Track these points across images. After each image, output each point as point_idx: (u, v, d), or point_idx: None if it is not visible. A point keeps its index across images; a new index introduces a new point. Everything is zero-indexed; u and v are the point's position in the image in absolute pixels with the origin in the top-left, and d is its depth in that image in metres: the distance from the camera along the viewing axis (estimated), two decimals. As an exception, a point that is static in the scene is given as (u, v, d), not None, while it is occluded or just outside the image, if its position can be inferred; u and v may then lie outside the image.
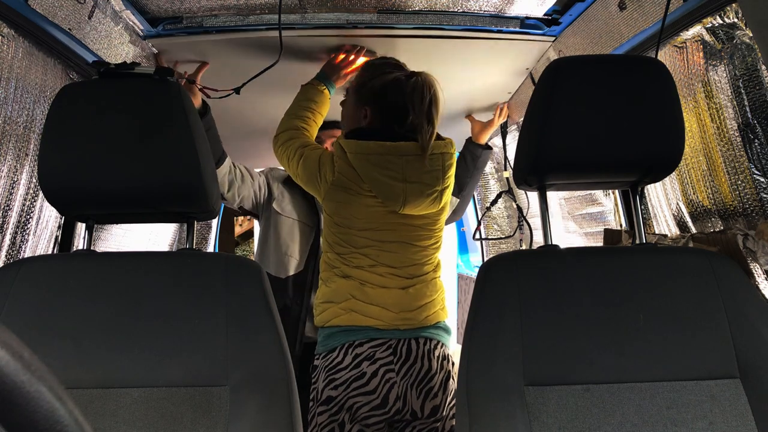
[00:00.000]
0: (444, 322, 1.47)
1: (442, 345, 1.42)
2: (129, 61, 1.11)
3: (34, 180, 1.34)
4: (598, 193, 1.90)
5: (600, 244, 1.86)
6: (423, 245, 1.45)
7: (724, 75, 1.18)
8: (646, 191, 1.57)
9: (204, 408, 0.93)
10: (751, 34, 1.09)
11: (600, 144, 1.04)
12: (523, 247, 2.61)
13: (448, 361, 1.42)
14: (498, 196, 2.40)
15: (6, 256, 1.28)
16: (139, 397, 0.93)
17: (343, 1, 1.48)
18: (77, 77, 1.45)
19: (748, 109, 1.15)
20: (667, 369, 0.97)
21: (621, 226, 1.78)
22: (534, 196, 2.25)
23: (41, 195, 1.36)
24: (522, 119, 1.18)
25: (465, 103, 2.13)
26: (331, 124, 1.94)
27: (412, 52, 1.68)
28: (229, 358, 0.96)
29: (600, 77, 1.06)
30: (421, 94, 1.38)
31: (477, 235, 2.80)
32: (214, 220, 2.95)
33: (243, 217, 5.46)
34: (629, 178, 1.13)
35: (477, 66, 1.82)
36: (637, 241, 1.16)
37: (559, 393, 0.95)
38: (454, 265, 3.86)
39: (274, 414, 0.93)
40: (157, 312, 0.99)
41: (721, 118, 1.21)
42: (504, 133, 2.29)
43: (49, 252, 1.46)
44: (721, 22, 1.14)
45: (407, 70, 1.49)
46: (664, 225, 1.51)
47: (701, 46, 1.23)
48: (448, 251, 1.61)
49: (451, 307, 1.61)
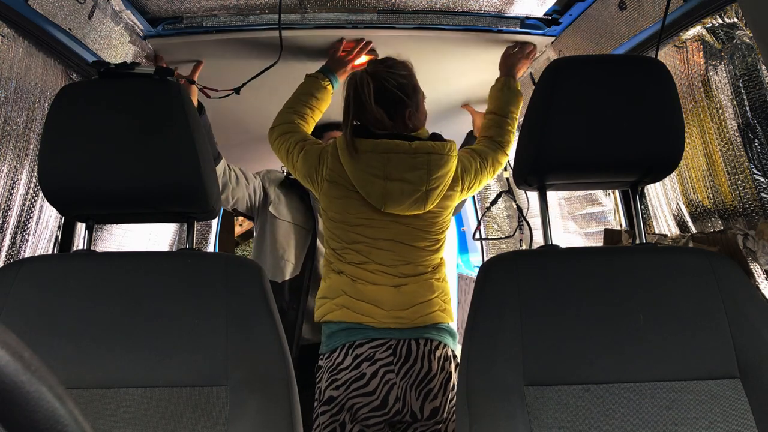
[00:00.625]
0: (447, 324, 1.44)
1: (445, 346, 1.40)
2: (129, 61, 1.11)
3: (34, 180, 1.33)
4: (598, 193, 1.89)
5: (600, 244, 1.86)
6: (417, 246, 1.43)
7: (724, 75, 1.18)
8: (646, 191, 1.57)
9: (204, 408, 0.93)
10: (751, 34, 1.09)
11: (600, 144, 1.04)
12: (523, 247, 2.61)
13: (450, 363, 1.40)
14: (498, 196, 2.40)
15: (6, 256, 1.28)
16: (139, 397, 0.93)
17: (343, 1, 1.48)
18: (77, 77, 1.45)
19: (748, 109, 1.15)
20: (667, 369, 0.97)
21: (621, 226, 1.78)
22: (534, 196, 2.25)
23: (41, 195, 1.36)
24: (522, 119, 1.18)
25: (464, 101, 2.13)
26: (332, 126, 1.93)
27: (412, 50, 1.68)
28: (229, 358, 0.96)
29: (600, 77, 1.06)
30: (365, 86, 1.38)
31: (477, 235, 2.80)
32: (214, 220, 2.95)
33: (243, 217, 5.46)
34: (629, 178, 1.13)
35: (477, 65, 1.82)
36: (637, 241, 1.16)
37: (559, 393, 0.95)
38: (454, 265, 3.86)
39: (274, 414, 0.93)
40: (157, 312, 0.99)
41: (721, 118, 1.21)
42: None
43: (49, 252, 1.46)
44: (721, 22, 1.14)
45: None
46: (664, 225, 1.51)
47: (701, 46, 1.22)
48: (448, 251, 1.58)
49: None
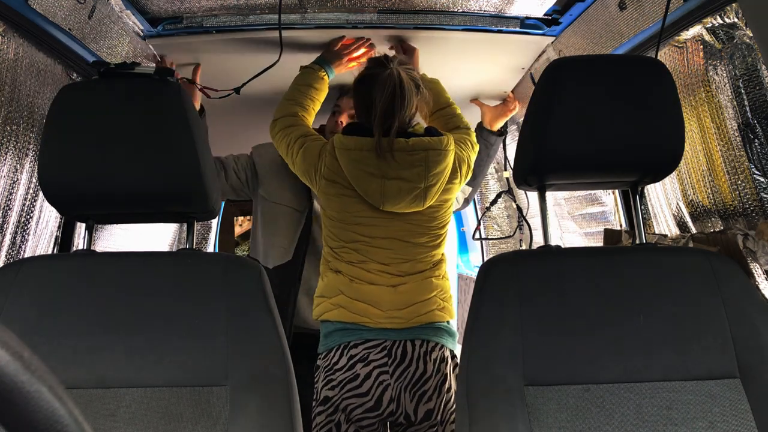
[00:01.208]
0: (446, 323, 1.42)
1: (442, 347, 1.38)
2: (129, 61, 1.11)
3: (34, 180, 1.33)
4: (599, 193, 1.89)
5: (600, 244, 1.86)
6: (417, 242, 1.41)
7: (724, 75, 1.18)
8: (646, 191, 1.57)
9: (204, 408, 0.93)
10: (751, 34, 1.09)
11: (600, 144, 1.04)
12: (523, 247, 2.60)
13: (446, 364, 1.37)
14: (498, 196, 2.40)
15: (6, 256, 1.28)
16: (139, 397, 0.93)
17: (343, 1, 1.48)
18: (77, 77, 1.44)
19: (748, 109, 1.14)
20: (667, 369, 0.97)
21: (621, 226, 1.78)
22: (534, 196, 2.25)
23: (41, 195, 1.36)
24: (522, 119, 1.18)
25: (464, 99, 2.13)
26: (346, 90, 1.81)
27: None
28: (229, 358, 0.96)
29: (600, 77, 1.06)
30: (382, 86, 1.35)
31: (477, 235, 2.80)
32: (214, 220, 2.95)
33: (243, 217, 5.46)
34: (629, 178, 1.12)
35: (477, 64, 1.82)
36: (637, 241, 1.16)
37: (559, 393, 0.95)
38: (454, 265, 3.86)
39: (274, 414, 0.93)
40: (157, 312, 0.99)
41: (721, 118, 1.21)
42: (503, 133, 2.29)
43: (49, 252, 1.46)
44: (721, 22, 1.14)
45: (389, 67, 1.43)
46: (664, 225, 1.51)
47: (701, 46, 1.22)
48: (449, 249, 1.57)
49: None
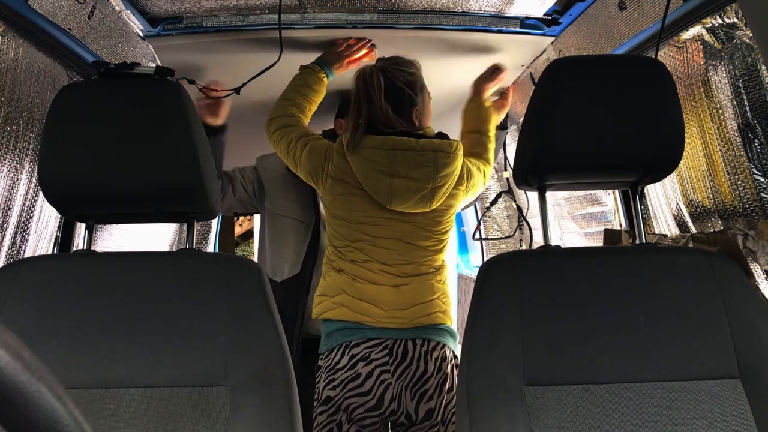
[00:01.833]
0: (447, 325, 1.42)
1: (443, 346, 1.39)
2: (129, 61, 1.11)
3: (34, 180, 1.33)
4: (599, 193, 1.89)
5: (600, 244, 1.86)
6: (420, 245, 1.42)
7: (724, 75, 1.18)
8: (646, 191, 1.57)
9: (204, 408, 0.93)
10: (751, 34, 1.09)
11: (600, 144, 1.04)
12: (523, 247, 2.60)
13: (447, 364, 1.38)
14: (498, 196, 2.40)
15: (6, 256, 1.28)
16: (139, 397, 0.93)
17: (343, 1, 1.48)
18: (77, 77, 1.44)
19: (748, 109, 1.14)
20: (667, 369, 0.97)
21: (621, 226, 1.78)
22: (534, 196, 2.25)
23: (41, 195, 1.36)
24: (522, 119, 1.18)
25: (464, 99, 2.13)
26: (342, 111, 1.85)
27: (412, 50, 1.67)
28: (228, 358, 0.96)
29: (600, 77, 1.06)
30: (374, 81, 1.37)
31: (477, 235, 2.80)
32: (214, 220, 2.95)
33: (243, 217, 5.47)
34: (629, 178, 1.12)
35: (477, 64, 1.82)
36: (637, 241, 1.16)
37: (559, 393, 0.95)
38: (454, 265, 3.86)
39: (274, 414, 0.93)
40: (157, 312, 0.99)
41: (721, 118, 1.21)
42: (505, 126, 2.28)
43: (49, 252, 1.46)
44: (721, 22, 1.14)
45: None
46: (664, 225, 1.51)
47: (701, 46, 1.22)
48: (449, 257, 1.57)
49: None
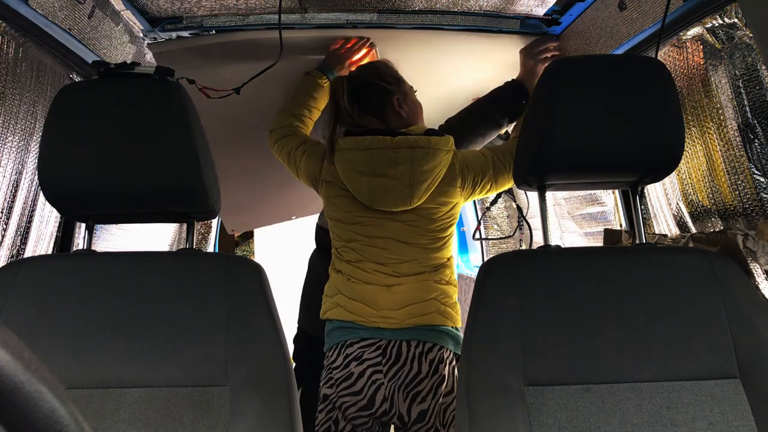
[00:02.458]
0: (449, 327, 1.39)
1: (440, 348, 1.36)
2: (129, 61, 1.11)
3: (35, 180, 1.33)
4: (599, 193, 1.89)
5: (600, 244, 1.86)
6: (415, 243, 1.40)
7: (724, 75, 1.18)
8: (646, 191, 1.56)
9: (204, 408, 0.93)
10: (751, 34, 1.09)
11: (600, 144, 1.04)
12: (523, 247, 2.60)
13: (445, 366, 1.35)
14: (498, 196, 2.40)
15: (6, 256, 1.28)
16: (139, 397, 0.93)
17: (343, 1, 1.48)
18: (77, 77, 1.45)
19: (748, 109, 1.14)
20: (667, 369, 0.97)
21: (621, 226, 1.78)
22: (534, 196, 2.25)
23: (41, 195, 1.36)
24: (522, 119, 1.18)
25: (464, 99, 2.13)
26: None
27: (412, 50, 1.68)
28: (229, 358, 0.96)
29: (600, 77, 1.06)
30: (336, 88, 1.46)
31: (477, 235, 2.80)
32: (214, 220, 2.95)
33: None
34: (629, 178, 1.12)
35: (477, 64, 1.82)
36: (637, 241, 1.16)
37: (559, 393, 0.95)
38: (454, 264, 3.85)
39: (274, 414, 0.93)
40: (157, 312, 0.99)
41: (721, 118, 1.21)
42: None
43: (49, 252, 1.46)
44: (721, 22, 1.14)
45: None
46: (664, 225, 1.51)
47: (701, 46, 1.22)
48: (450, 250, 1.58)
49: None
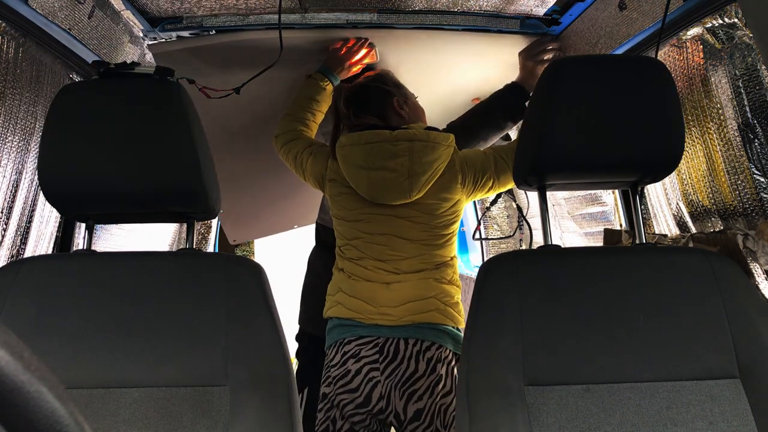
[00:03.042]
0: (450, 327, 1.39)
1: (439, 347, 1.35)
2: (129, 61, 1.11)
3: (34, 180, 1.33)
4: (599, 193, 1.90)
5: (600, 244, 1.86)
6: (415, 239, 1.40)
7: (724, 75, 1.18)
8: (646, 191, 1.57)
9: (204, 408, 0.93)
10: (751, 34, 1.09)
11: (600, 144, 1.04)
12: (523, 247, 2.60)
13: (443, 365, 1.34)
14: (498, 196, 2.39)
15: (6, 256, 1.28)
16: (139, 397, 0.93)
17: (343, 1, 1.48)
18: (77, 77, 1.45)
19: (748, 109, 1.14)
20: (667, 369, 0.97)
21: (621, 226, 1.78)
22: (534, 196, 2.25)
23: (41, 195, 1.36)
24: (521, 119, 1.18)
25: (464, 99, 2.13)
26: None
27: (412, 50, 1.68)
28: (229, 357, 0.96)
29: (600, 77, 1.06)
30: (336, 95, 1.55)
31: (477, 235, 2.80)
32: (214, 220, 2.95)
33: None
34: (629, 178, 1.12)
35: (477, 64, 1.82)
36: (637, 241, 1.16)
37: (559, 393, 0.95)
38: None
39: (274, 413, 0.93)
40: (157, 312, 0.99)
41: (721, 118, 1.21)
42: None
43: (49, 252, 1.46)
44: (721, 22, 1.14)
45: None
46: (664, 225, 1.51)
47: (701, 46, 1.22)
48: (453, 248, 1.59)
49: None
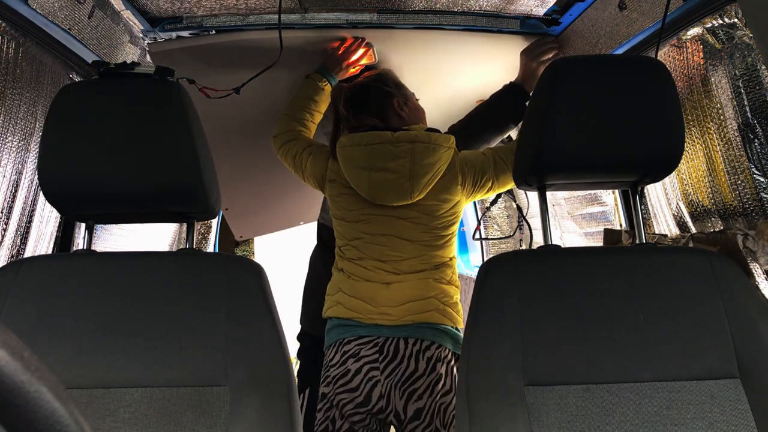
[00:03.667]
0: (449, 327, 1.39)
1: (439, 347, 1.35)
2: (129, 61, 1.11)
3: (34, 180, 1.33)
4: (599, 193, 1.90)
5: (600, 244, 1.86)
6: (415, 239, 1.40)
7: (724, 75, 1.18)
8: (646, 191, 1.57)
9: (204, 408, 0.93)
10: (751, 34, 1.09)
11: (600, 144, 1.04)
12: (523, 247, 2.61)
13: (442, 364, 1.34)
14: (498, 196, 2.40)
15: (6, 256, 1.28)
16: (139, 397, 0.93)
17: (343, 1, 1.48)
18: (77, 77, 1.45)
19: (748, 109, 1.14)
20: (667, 369, 0.97)
21: (621, 226, 1.78)
22: (534, 196, 2.25)
23: (41, 195, 1.36)
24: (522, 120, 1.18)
25: (464, 99, 2.13)
26: None
27: (412, 50, 1.68)
28: (229, 357, 0.96)
29: (600, 77, 1.06)
30: (336, 95, 1.57)
31: (477, 235, 2.81)
32: (214, 220, 2.95)
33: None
34: (629, 178, 1.12)
35: (477, 64, 1.82)
36: (637, 241, 1.16)
37: (559, 393, 0.95)
38: (456, 265, 3.85)
39: (273, 413, 0.93)
40: (157, 312, 0.99)
41: (721, 118, 1.21)
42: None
43: (49, 252, 1.46)
44: (721, 22, 1.14)
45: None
46: (664, 225, 1.51)
47: (701, 46, 1.22)
48: (452, 249, 1.59)
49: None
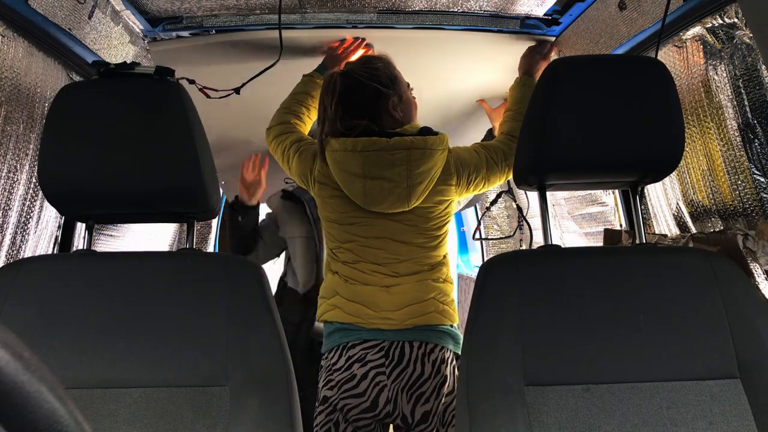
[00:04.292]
0: (448, 326, 1.39)
1: (442, 348, 1.35)
2: (129, 61, 1.11)
3: (34, 180, 1.33)
4: (599, 193, 1.90)
5: (600, 244, 1.86)
6: (412, 242, 1.38)
7: (724, 75, 1.18)
8: (646, 191, 1.57)
9: (204, 408, 0.93)
10: (751, 34, 1.09)
11: (600, 144, 1.04)
12: (523, 247, 2.61)
13: (446, 366, 1.35)
14: (498, 196, 2.40)
15: (6, 256, 1.28)
16: (139, 397, 0.93)
17: (343, 1, 1.48)
18: (77, 77, 1.45)
19: (748, 109, 1.15)
20: (667, 369, 0.97)
21: (621, 226, 1.78)
22: (534, 196, 2.25)
23: (41, 195, 1.36)
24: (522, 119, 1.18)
25: (464, 99, 2.13)
26: None
27: (412, 50, 1.68)
28: (229, 357, 0.96)
29: (600, 77, 1.06)
30: (327, 87, 1.37)
31: (477, 235, 2.81)
32: (214, 220, 2.95)
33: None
34: (629, 178, 1.12)
35: (477, 64, 1.82)
36: (637, 241, 1.16)
37: (559, 393, 0.95)
38: (454, 265, 3.86)
39: (273, 413, 0.93)
40: (157, 312, 0.99)
41: (721, 118, 1.21)
42: None
43: (49, 252, 1.46)
44: (721, 22, 1.14)
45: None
46: (664, 225, 1.51)
47: (701, 46, 1.23)
48: (446, 247, 1.57)
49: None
